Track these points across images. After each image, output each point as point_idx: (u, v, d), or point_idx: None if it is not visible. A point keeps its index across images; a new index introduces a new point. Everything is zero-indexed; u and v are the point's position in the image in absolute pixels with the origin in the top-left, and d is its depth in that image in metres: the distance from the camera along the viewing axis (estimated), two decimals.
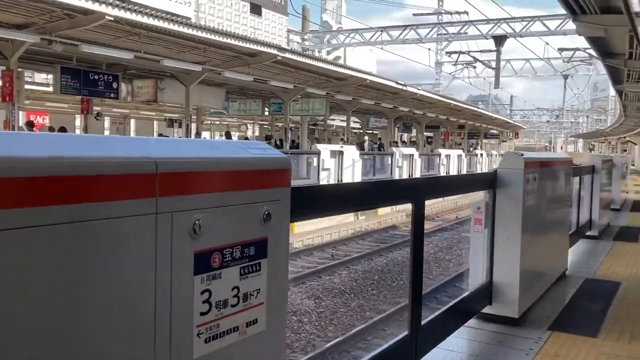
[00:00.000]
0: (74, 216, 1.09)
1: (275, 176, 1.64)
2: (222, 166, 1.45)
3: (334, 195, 2.29)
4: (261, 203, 1.56)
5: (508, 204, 4.14)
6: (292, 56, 15.78)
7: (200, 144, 1.55)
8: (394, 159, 21.35)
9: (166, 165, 1.28)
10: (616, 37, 11.85)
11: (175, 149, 1.41)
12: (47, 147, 1.12)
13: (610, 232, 9.45)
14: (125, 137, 1.35)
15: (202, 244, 1.38)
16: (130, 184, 1.21)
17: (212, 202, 1.41)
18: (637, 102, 25.10)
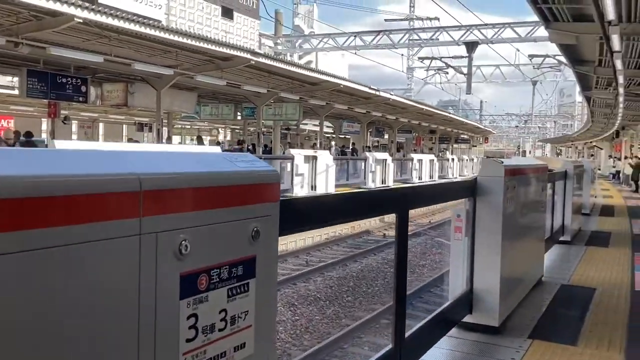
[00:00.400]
0: (48, 241, 0.99)
1: (264, 190, 1.56)
2: (209, 181, 1.36)
3: (321, 207, 2.21)
4: (250, 219, 1.48)
5: (488, 212, 4.13)
6: (266, 60, 15.68)
7: (186, 157, 1.45)
8: (368, 164, 21.37)
9: (151, 182, 1.19)
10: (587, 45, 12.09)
11: (160, 162, 1.31)
12: (17, 164, 1.01)
13: (582, 236, 9.59)
14: (105, 151, 1.25)
15: (188, 265, 1.29)
16: (112, 204, 1.11)
17: (199, 220, 1.32)
18: (604, 108, 25.69)
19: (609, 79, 16.03)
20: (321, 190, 17.21)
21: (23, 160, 1.05)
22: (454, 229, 4.18)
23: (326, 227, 11.24)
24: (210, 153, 1.55)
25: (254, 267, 1.50)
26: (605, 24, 8.35)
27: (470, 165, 39.94)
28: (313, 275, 10.54)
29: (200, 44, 13.12)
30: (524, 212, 5.02)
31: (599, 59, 13.74)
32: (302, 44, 35.59)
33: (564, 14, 10.48)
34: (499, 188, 4.10)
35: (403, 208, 2.92)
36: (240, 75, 17.55)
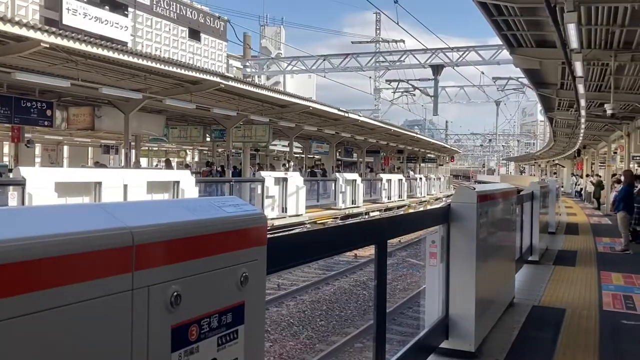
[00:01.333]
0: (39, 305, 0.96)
1: (252, 234, 1.55)
2: (199, 230, 1.35)
3: (304, 244, 2.21)
4: (238, 265, 1.47)
5: (462, 237, 4.18)
6: (235, 84, 15.67)
7: (175, 205, 1.44)
8: (338, 185, 21.44)
9: (143, 236, 1.17)
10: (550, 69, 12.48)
11: (150, 214, 1.29)
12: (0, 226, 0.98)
13: (549, 256, 9.77)
14: (95, 205, 1.23)
15: (179, 317, 1.27)
16: (105, 261, 1.09)
17: (190, 269, 1.30)
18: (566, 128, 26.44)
19: (570, 101, 16.54)
20: (292, 211, 17.18)
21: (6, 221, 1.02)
22: (428, 255, 4.22)
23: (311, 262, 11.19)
24: (198, 199, 1.54)
25: (242, 313, 1.48)
26: (568, 51, 8.65)
27: (437, 184, 40.45)
28: (285, 299, 10.44)
29: (170, 67, 13.05)
30: (496, 235, 5.10)
31: (561, 82, 14.19)
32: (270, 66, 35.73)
33: (527, 40, 10.83)
34: (472, 214, 4.17)
35: (382, 239, 2.94)
36: (209, 99, 17.50)
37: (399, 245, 16.76)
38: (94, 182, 10.25)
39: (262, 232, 1.59)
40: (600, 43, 10.40)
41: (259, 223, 1.58)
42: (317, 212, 19.74)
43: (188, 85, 15.32)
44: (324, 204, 21.70)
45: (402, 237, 18.34)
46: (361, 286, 11.66)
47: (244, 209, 1.57)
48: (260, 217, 1.59)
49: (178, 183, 12.21)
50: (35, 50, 10.52)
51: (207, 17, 50.48)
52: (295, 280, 12.31)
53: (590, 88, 14.45)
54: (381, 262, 2.95)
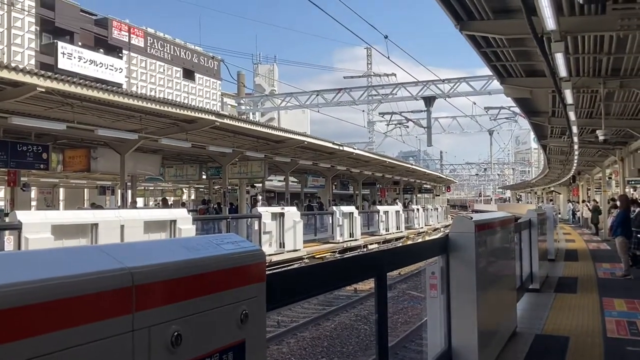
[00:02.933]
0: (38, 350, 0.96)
1: (251, 271, 1.55)
2: (199, 268, 1.35)
3: (304, 280, 2.21)
4: (238, 303, 1.46)
5: (462, 267, 4.17)
6: (230, 121, 15.80)
7: (173, 245, 1.45)
8: (335, 218, 21.41)
9: (142, 276, 1.18)
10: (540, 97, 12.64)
11: (149, 253, 1.30)
12: None
13: (550, 283, 9.72)
14: (93, 247, 1.23)
15: (181, 357, 1.26)
16: (104, 303, 1.09)
17: (190, 309, 1.30)
18: (560, 155, 26.62)
19: (562, 128, 16.70)
20: (290, 246, 17.09)
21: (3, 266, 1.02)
22: (429, 287, 4.19)
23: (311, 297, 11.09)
24: (197, 238, 1.54)
25: (243, 351, 1.47)
26: (557, 79, 8.78)
27: (435, 214, 40.41)
28: (286, 336, 10.30)
29: (165, 107, 13.17)
30: (496, 264, 5.09)
31: (552, 110, 14.36)
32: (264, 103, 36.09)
33: (517, 70, 11.00)
34: (470, 244, 4.16)
35: (381, 271, 2.93)
36: (205, 137, 17.60)
37: (399, 278, 16.65)
38: (91, 224, 10.22)
39: (260, 268, 1.59)
40: (589, 71, 10.58)
41: (257, 259, 1.58)
42: (315, 246, 19.65)
43: (183, 124, 15.43)
44: (322, 238, 21.61)
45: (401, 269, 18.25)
46: (362, 320, 11.53)
47: (242, 245, 1.57)
48: (258, 253, 1.59)
49: (175, 222, 12.18)
50: (31, 95, 10.61)
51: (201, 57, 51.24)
52: (295, 317, 12.16)
53: (582, 115, 14.61)
54: (381, 295, 2.93)
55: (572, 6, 7.26)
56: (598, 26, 7.85)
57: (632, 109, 14.03)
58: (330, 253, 19.78)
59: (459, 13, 8.13)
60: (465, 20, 8.29)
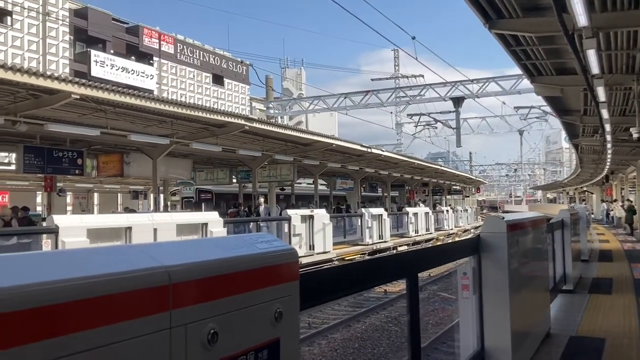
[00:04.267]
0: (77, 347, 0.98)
1: (284, 270, 1.55)
2: (233, 267, 1.36)
3: (336, 279, 2.20)
4: (272, 301, 1.47)
5: (494, 268, 4.11)
6: (259, 125, 15.92)
7: (209, 244, 1.46)
8: (364, 220, 21.34)
9: (179, 274, 1.19)
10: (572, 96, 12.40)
11: (185, 252, 1.31)
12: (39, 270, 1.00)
13: (584, 284, 9.50)
14: (131, 246, 1.25)
15: (216, 354, 1.27)
16: (142, 300, 1.11)
17: (225, 307, 1.31)
18: (593, 154, 26.05)
19: (595, 127, 16.36)
20: (319, 249, 17.10)
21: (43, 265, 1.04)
22: (461, 287, 4.14)
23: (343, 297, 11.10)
24: (231, 237, 1.56)
25: (278, 349, 1.48)
26: (589, 77, 8.61)
27: (464, 215, 39.96)
28: (317, 338, 10.31)
29: (195, 112, 13.34)
30: (528, 265, 5.00)
31: (584, 108, 14.07)
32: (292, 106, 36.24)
33: (547, 68, 10.82)
34: (502, 244, 4.10)
35: (413, 272, 2.91)
36: (235, 141, 17.76)
37: (429, 279, 16.51)
38: (125, 227, 10.40)
39: (294, 267, 1.59)
40: (622, 67, 10.33)
41: (290, 259, 1.58)
42: (344, 248, 19.63)
43: (214, 129, 15.60)
44: (351, 240, 21.57)
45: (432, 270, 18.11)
46: (393, 322, 11.47)
47: (275, 245, 1.58)
48: (291, 252, 1.60)
49: (206, 225, 12.30)
50: (66, 102, 10.87)
51: (230, 62, 51.73)
52: (326, 319, 12.17)
53: (615, 113, 14.28)
54: (413, 295, 2.91)
55: (603, 1, 7.11)
56: (631, 21, 7.66)
57: None
58: (360, 255, 19.72)
59: (487, 12, 8.04)
60: (494, 19, 8.19)
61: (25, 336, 0.90)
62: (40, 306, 0.93)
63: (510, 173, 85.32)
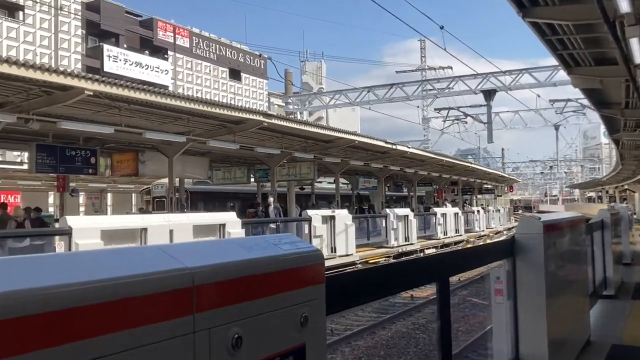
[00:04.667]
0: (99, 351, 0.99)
1: (310, 273, 1.56)
2: (258, 269, 1.37)
3: (363, 283, 2.21)
4: (298, 305, 1.48)
5: (529, 271, 4.07)
6: (278, 121, 15.96)
7: (232, 245, 1.47)
8: (389, 221, 21.27)
9: (203, 276, 1.20)
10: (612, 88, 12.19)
11: (208, 253, 1.33)
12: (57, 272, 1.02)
13: (626, 289, 9.35)
14: (153, 246, 1.27)
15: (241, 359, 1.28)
16: (166, 303, 1.12)
17: (250, 311, 1.32)
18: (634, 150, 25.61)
19: (637, 121, 16.08)
20: (341, 251, 17.10)
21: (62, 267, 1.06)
22: (494, 292, 4.11)
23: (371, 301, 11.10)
24: (254, 238, 1.57)
25: (304, 355, 1.48)
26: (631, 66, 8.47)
27: (496, 216, 39.58)
28: (340, 345, 10.32)
29: (212, 109, 13.44)
30: (566, 268, 4.94)
31: (625, 100, 13.82)
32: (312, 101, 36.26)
33: (585, 58, 10.66)
34: (538, 246, 4.06)
35: (443, 275, 2.90)
36: (252, 138, 17.84)
37: (459, 284, 16.41)
38: (140, 229, 10.53)
39: (319, 270, 1.60)
40: None
41: (316, 260, 1.59)
42: (368, 251, 19.60)
43: (231, 126, 15.69)
44: (375, 242, 21.51)
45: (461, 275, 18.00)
46: (420, 329, 11.43)
47: (300, 246, 1.59)
48: (317, 254, 1.60)
49: (224, 225, 12.40)
50: (79, 99, 11.03)
51: (247, 56, 51.97)
52: (349, 325, 12.17)
53: None
54: (444, 300, 2.90)
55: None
56: None
57: None
58: (385, 258, 19.68)
59: (521, 0, 7.96)
60: (528, 7, 8.10)
61: (42, 341, 0.92)
62: (58, 310, 0.95)
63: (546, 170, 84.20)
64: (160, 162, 17.10)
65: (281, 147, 19.35)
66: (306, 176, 23.00)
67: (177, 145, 15.96)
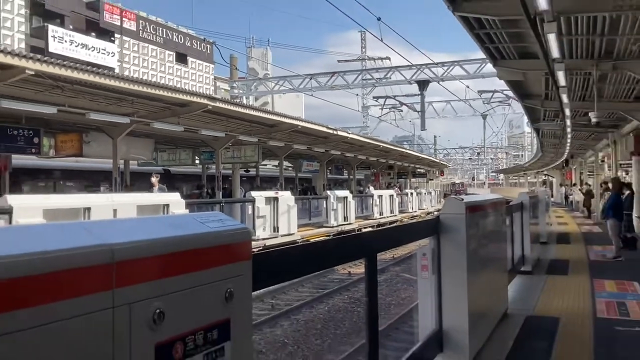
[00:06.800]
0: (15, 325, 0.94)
1: (236, 250, 1.54)
2: (182, 245, 1.34)
3: (292, 259, 2.20)
4: (223, 281, 1.45)
5: (453, 249, 4.17)
6: (223, 105, 15.71)
7: (157, 222, 1.43)
8: (329, 202, 21.42)
9: (124, 252, 1.16)
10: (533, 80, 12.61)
11: (131, 230, 1.28)
12: None
13: (541, 266, 9.77)
14: (74, 223, 1.22)
15: (163, 334, 1.25)
16: (84, 278, 1.08)
17: (173, 286, 1.29)
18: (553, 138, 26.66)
19: (555, 111, 16.70)
20: (284, 231, 17.11)
21: None
22: (420, 268, 4.20)
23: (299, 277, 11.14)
24: (180, 215, 1.53)
25: (228, 329, 1.46)
26: (550, 61, 8.76)
27: (428, 198, 40.52)
28: (280, 319, 10.37)
29: (157, 91, 13.08)
30: (487, 246, 5.10)
31: (545, 92, 14.34)
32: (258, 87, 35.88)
33: (510, 52, 10.96)
34: (461, 225, 4.17)
35: (372, 252, 2.93)
36: (197, 121, 17.51)
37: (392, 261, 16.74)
38: (83, 208, 10.18)
39: (246, 247, 1.58)
40: (582, 53, 10.54)
41: (243, 238, 1.57)
42: (309, 230, 19.70)
43: (176, 108, 15.34)
44: (316, 223, 21.66)
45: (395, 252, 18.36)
46: (356, 303, 11.61)
47: (228, 224, 1.56)
48: (244, 231, 1.58)
49: (168, 206, 12.15)
50: (20, 78, 10.50)
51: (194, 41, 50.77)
52: (290, 300, 12.24)
53: (574, 97, 14.59)
54: (371, 275, 2.93)
55: None
56: (591, 6, 7.82)
57: (625, 92, 14.01)
58: (325, 237, 19.83)
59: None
60: (458, 2, 8.23)
61: None
62: None
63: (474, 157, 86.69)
64: (105, 143, 16.56)
65: (226, 130, 19.08)
66: (251, 159, 22.84)
67: (121, 127, 15.48)
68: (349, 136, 25.20)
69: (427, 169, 53.69)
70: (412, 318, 9.54)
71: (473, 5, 8.25)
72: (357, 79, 30.22)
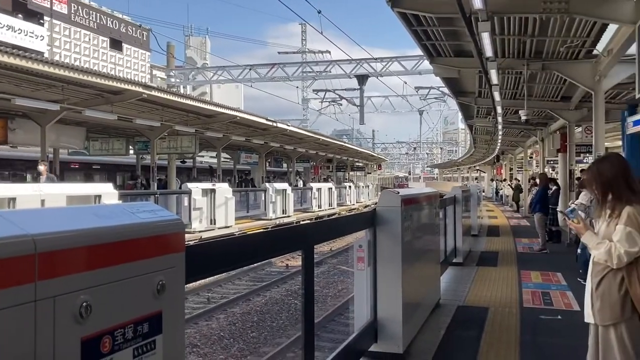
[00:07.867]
0: None
1: (168, 241, 1.50)
2: (110, 237, 1.29)
3: (227, 251, 2.17)
4: (154, 273, 1.42)
5: (388, 241, 4.25)
6: (159, 94, 15.30)
7: (83, 212, 1.37)
8: (268, 195, 21.32)
9: (47, 243, 1.11)
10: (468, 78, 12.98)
11: (55, 220, 1.23)
12: None
13: (472, 257, 10.12)
14: None
15: (90, 328, 1.20)
16: (3, 270, 1.02)
17: (100, 278, 1.24)
18: (485, 135, 27.60)
19: (488, 109, 17.30)
20: (221, 223, 16.91)
21: None
22: (356, 260, 4.25)
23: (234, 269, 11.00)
24: (109, 205, 1.47)
25: (160, 322, 1.43)
26: (484, 60, 9.04)
27: (366, 191, 41.09)
28: (215, 313, 10.24)
29: (89, 77, 12.57)
30: (421, 238, 5.22)
31: (478, 90, 14.81)
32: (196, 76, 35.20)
33: (446, 50, 11.25)
34: (396, 217, 4.25)
35: (308, 244, 2.94)
36: (132, 109, 16.99)
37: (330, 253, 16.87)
38: (8, 198, 9.69)
39: (179, 238, 1.54)
40: (514, 52, 10.96)
41: (175, 229, 1.53)
42: (247, 223, 19.55)
43: (109, 96, 14.81)
44: (254, 215, 21.52)
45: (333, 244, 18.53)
46: (292, 295, 11.63)
47: (160, 214, 1.52)
48: (177, 222, 1.54)
49: (100, 197, 11.75)
50: None
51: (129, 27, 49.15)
52: (226, 293, 12.11)
53: (506, 96, 15.17)
54: (308, 267, 2.94)
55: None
56: (523, 8, 8.12)
57: (553, 91, 14.69)
58: (263, 229, 19.73)
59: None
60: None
61: None
62: None
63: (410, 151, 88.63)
64: (32, 131, 15.79)
65: (162, 120, 18.62)
66: (187, 150, 22.37)
67: (50, 114, 14.80)
68: (289, 128, 25.15)
69: (366, 162, 54.41)
70: (348, 309, 9.66)
71: (411, 1, 8.40)
72: (298, 72, 30.21)
